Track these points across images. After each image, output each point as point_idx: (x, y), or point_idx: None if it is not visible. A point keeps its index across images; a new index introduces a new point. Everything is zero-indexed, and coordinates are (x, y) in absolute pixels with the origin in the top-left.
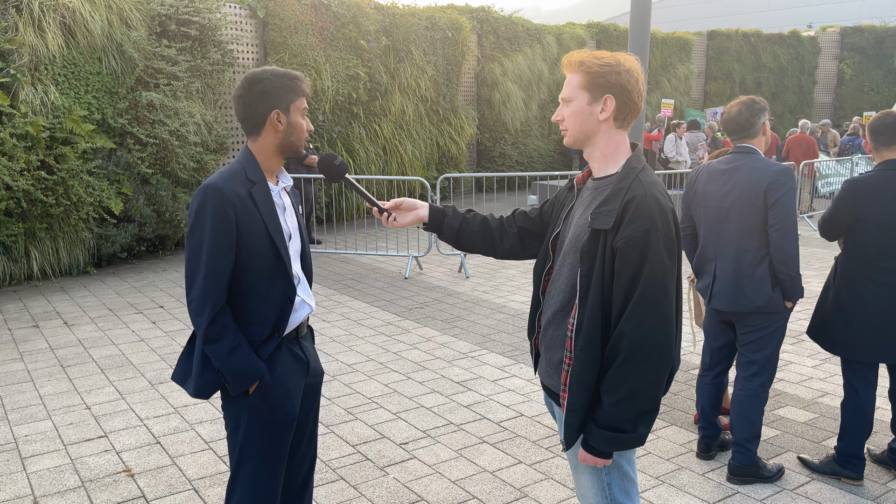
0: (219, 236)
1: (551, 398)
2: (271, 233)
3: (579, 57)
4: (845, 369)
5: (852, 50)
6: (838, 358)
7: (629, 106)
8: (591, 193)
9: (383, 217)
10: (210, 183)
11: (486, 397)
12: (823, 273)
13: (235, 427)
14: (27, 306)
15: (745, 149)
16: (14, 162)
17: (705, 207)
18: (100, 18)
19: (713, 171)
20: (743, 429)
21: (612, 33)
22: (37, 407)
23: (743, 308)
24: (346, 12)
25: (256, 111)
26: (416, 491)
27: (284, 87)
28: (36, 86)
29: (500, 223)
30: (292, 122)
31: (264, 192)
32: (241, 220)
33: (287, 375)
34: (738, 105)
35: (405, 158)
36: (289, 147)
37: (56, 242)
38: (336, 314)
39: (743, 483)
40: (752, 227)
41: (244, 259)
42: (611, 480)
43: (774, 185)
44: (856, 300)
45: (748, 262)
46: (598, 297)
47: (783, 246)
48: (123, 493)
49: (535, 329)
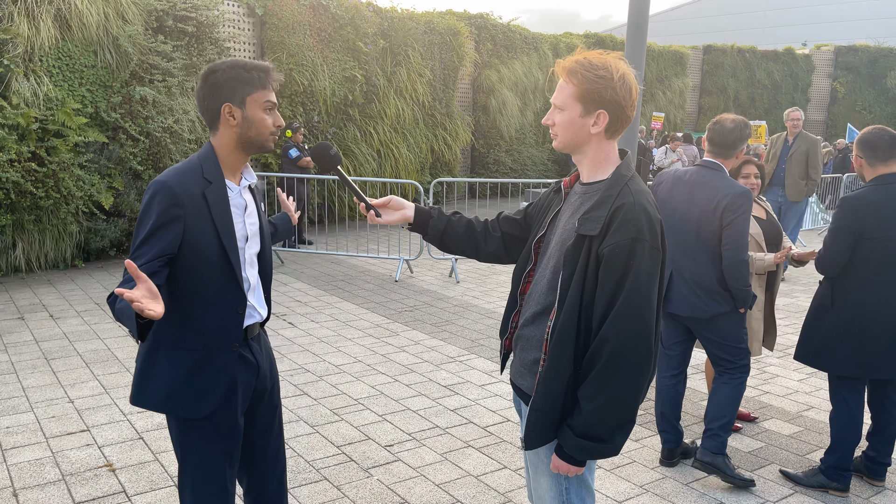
0: (160, 232)
1: (521, 398)
2: (222, 237)
3: (573, 65)
4: (836, 384)
5: (846, 69)
6: (824, 372)
7: (622, 120)
8: (580, 198)
9: (370, 214)
10: (161, 179)
11: (472, 401)
12: (812, 288)
13: (174, 439)
14: (13, 298)
15: (713, 165)
16: (4, 153)
17: (666, 214)
18: (96, 11)
19: (678, 179)
20: (718, 415)
21: (608, 44)
22: (19, 399)
23: (701, 314)
24: (345, 14)
25: (209, 105)
26: (400, 493)
27: (239, 79)
28: (29, 77)
29: (484, 226)
30: (249, 117)
31: (219, 193)
32: (190, 219)
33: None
34: (733, 123)
35: (399, 161)
36: (249, 143)
37: (44, 235)
38: (325, 315)
39: (707, 472)
40: (707, 242)
41: (190, 260)
42: (569, 486)
43: (731, 206)
44: (863, 319)
45: (702, 274)
46: (576, 302)
47: (733, 265)
48: (104, 487)
49: (508, 329)
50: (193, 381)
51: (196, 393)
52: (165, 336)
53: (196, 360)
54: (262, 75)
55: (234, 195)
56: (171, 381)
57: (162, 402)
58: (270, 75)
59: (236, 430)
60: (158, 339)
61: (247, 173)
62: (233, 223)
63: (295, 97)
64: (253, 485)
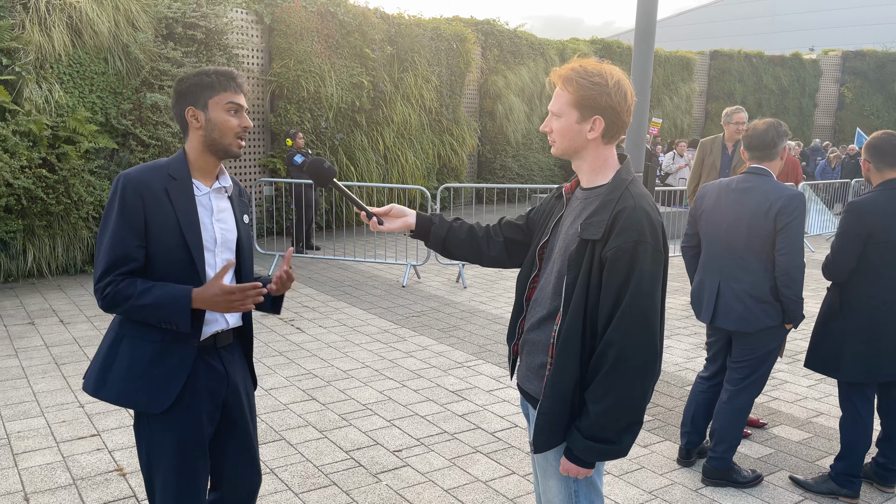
0: (124, 219)
1: (528, 402)
2: (183, 230)
3: (568, 72)
4: (847, 390)
5: (853, 74)
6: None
7: (617, 125)
8: (581, 203)
9: (371, 221)
10: (124, 173)
11: (480, 407)
12: (820, 294)
13: (139, 442)
14: (23, 303)
15: (760, 170)
16: (16, 159)
17: (713, 225)
18: (107, 19)
19: (724, 189)
20: (724, 439)
21: (615, 50)
22: (30, 404)
23: (748, 328)
24: (352, 21)
25: (177, 112)
26: (409, 498)
27: (200, 84)
28: (41, 84)
29: (486, 231)
30: (211, 119)
31: (182, 190)
32: (150, 210)
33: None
34: (765, 124)
35: (406, 167)
36: (213, 145)
37: (54, 240)
38: (332, 320)
39: (716, 485)
40: (759, 250)
41: (151, 251)
42: (578, 489)
43: (785, 209)
44: (872, 323)
45: (753, 283)
46: (580, 306)
47: (789, 270)
48: (115, 492)
49: (516, 335)
50: (152, 373)
51: (154, 385)
52: (129, 327)
53: (155, 351)
54: (223, 79)
55: (202, 195)
56: (130, 371)
57: (120, 394)
58: (234, 79)
59: (200, 431)
60: (123, 331)
61: (222, 177)
62: (198, 219)
63: (303, 103)
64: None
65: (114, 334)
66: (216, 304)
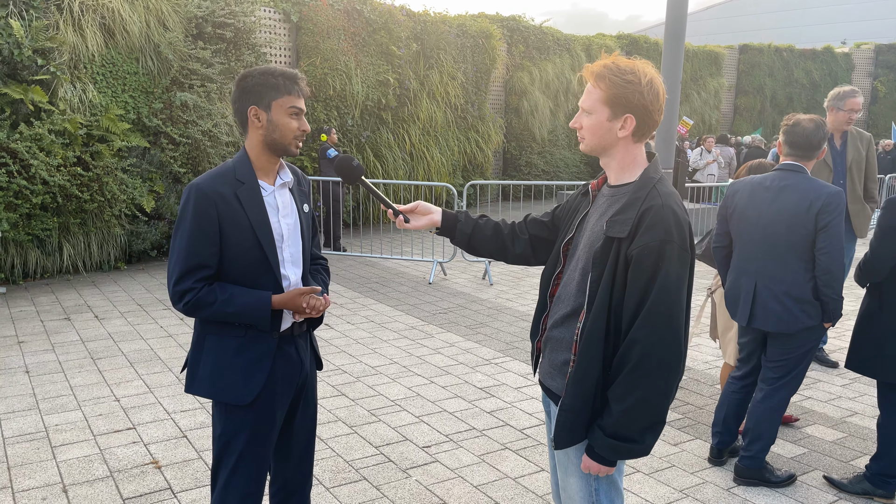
0: (198, 228)
1: (550, 398)
2: (257, 232)
3: (601, 69)
4: (886, 390)
5: (887, 68)
6: (867, 377)
7: (648, 124)
8: (607, 201)
9: (398, 219)
10: (194, 183)
11: (508, 404)
12: (854, 291)
13: (215, 426)
14: (59, 299)
15: (795, 167)
16: (52, 157)
17: (746, 223)
18: (138, 19)
19: (756, 186)
20: (758, 438)
21: (642, 45)
22: (67, 397)
23: (787, 329)
24: (378, 18)
25: (239, 108)
26: (439, 494)
27: (267, 84)
28: (75, 84)
29: (511, 228)
30: (273, 120)
31: (252, 193)
32: (224, 217)
33: (276, 378)
34: (814, 124)
35: (432, 165)
36: (273, 146)
37: (88, 238)
38: (360, 317)
39: (749, 485)
40: (799, 248)
41: (229, 255)
42: (599, 486)
43: (827, 207)
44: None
45: (793, 283)
46: (604, 304)
47: (831, 269)
48: (151, 484)
49: (539, 331)
50: (237, 364)
51: (239, 377)
52: (211, 325)
53: (238, 344)
54: (289, 82)
55: (268, 195)
56: (217, 366)
57: (210, 389)
58: (298, 83)
59: (274, 420)
60: (206, 330)
61: (283, 173)
62: (268, 220)
63: (329, 101)
64: (279, 474)
65: (198, 334)
66: (295, 306)
